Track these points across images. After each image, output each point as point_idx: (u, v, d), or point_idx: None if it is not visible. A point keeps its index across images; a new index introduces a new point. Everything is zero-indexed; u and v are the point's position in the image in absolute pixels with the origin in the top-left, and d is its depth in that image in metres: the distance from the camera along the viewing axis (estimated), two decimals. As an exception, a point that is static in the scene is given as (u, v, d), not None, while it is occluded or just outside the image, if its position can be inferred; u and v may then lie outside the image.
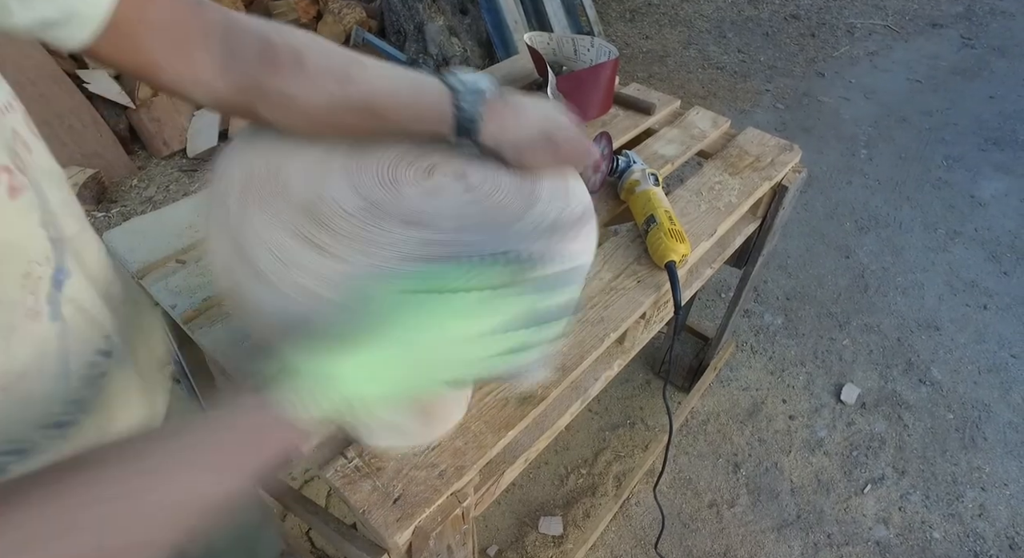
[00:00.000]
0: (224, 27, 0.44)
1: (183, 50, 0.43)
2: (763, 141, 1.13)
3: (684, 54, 3.21)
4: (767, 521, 1.39)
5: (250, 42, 0.45)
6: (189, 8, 0.43)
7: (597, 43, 1.13)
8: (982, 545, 1.36)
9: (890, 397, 1.65)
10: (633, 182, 0.93)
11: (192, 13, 0.43)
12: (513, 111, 0.51)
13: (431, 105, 0.49)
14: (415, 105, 0.49)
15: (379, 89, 0.48)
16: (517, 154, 0.52)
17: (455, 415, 0.67)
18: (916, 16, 3.72)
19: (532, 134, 0.51)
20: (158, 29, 0.41)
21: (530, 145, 0.51)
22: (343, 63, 0.47)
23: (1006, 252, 2.10)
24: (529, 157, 0.52)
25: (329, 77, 0.46)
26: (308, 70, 0.45)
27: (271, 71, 0.45)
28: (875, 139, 2.64)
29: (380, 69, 0.48)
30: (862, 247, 2.10)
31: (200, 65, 0.44)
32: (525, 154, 0.52)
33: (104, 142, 2.14)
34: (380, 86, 0.48)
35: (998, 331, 1.83)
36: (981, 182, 2.42)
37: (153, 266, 0.80)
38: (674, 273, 0.83)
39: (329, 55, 0.47)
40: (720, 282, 1.93)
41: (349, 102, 0.47)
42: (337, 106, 0.47)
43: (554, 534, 1.34)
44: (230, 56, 0.44)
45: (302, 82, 0.46)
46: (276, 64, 0.45)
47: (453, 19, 2.71)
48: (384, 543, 0.60)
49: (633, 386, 1.63)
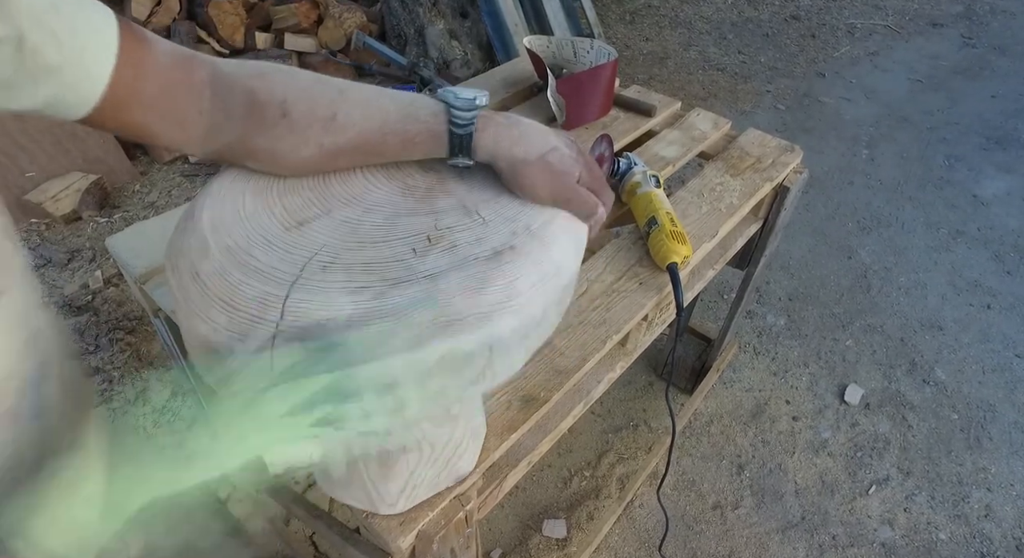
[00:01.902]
0: (211, 86, 0.44)
1: (175, 117, 0.44)
2: (764, 142, 1.12)
3: (684, 56, 3.21)
4: (771, 523, 1.38)
5: (236, 99, 0.45)
6: (180, 72, 0.43)
7: (596, 45, 1.13)
8: (988, 546, 1.36)
9: (894, 398, 1.64)
10: (634, 184, 0.93)
11: (180, 79, 0.43)
12: (514, 128, 0.48)
13: (423, 128, 0.47)
14: (405, 132, 0.47)
15: (367, 128, 0.47)
16: (511, 172, 0.48)
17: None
18: (916, 16, 3.72)
19: (531, 156, 0.47)
20: (150, 101, 0.42)
21: (525, 167, 0.47)
22: (328, 107, 0.46)
23: (1009, 251, 2.09)
24: (523, 179, 0.47)
25: (316, 127, 0.45)
26: (294, 121, 0.45)
27: (259, 130, 0.45)
28: (876, 139, 2.64)
29: (367, 102, 0.47)
30: (864, 247, 2.10)
31: (191, 127, 0.44)
32: (518, 174, 0.47)
33: (106, 147, 2.15)
34: (368, 124, 0.47)
35: (1002, 331, 1.82)
36: (983, 181, 2.41)
37: (156, 271, 0.80)
38: (676, 275, 0.83)
39: (314, 101, 0.46)
40: (722, 283, 1.93)
41: (338, 146, 0.47)
42: (326, 153, 0.47)
43: (558, 537, 1.34)
44: (219, 113, 0.45)
45: (288, 135, 0.45)
46: (262, 121, 0.45)
47: (453, 22, 2.72)
48: (387, 547, 0.59)
49: (636, 388, 1.63)
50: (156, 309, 0.80)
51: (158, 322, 0.85)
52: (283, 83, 0.46)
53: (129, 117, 0.41)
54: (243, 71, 0.46)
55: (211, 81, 0.44)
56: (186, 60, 0.43)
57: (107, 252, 1.91)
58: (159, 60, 0.41)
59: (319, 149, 0.46)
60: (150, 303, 0.81)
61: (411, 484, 0.57)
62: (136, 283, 0.80)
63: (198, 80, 0.44)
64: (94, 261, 1.91)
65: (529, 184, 0.47)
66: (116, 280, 1.85)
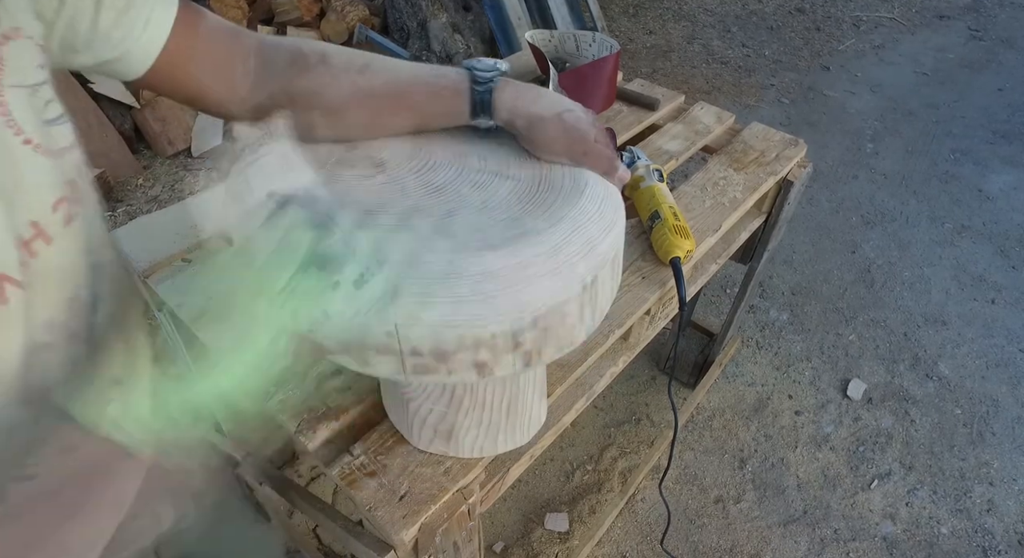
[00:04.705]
0: (258, 47, 0.51)
1: (226, 74, 0.50)
2: (768, 136, 1.12)
3: (688, 49, 3.20)
4: (773, 517, 1.38)
5: (282, 53, 0.51)
6: (229, 36, 0.50)
7: (599, 38, 1.13)
8: (991, 541, 1.36)
9: (897, 392, 1.64)
10: (637, 178, 0.92)
11: (232, 41, 0.50)
12: (532, 89, 0.52)
13: (449, 83, 0.51)
14: (434, 84, 0.51)
15: (399, 75, 0.52)
16: (529, 128, 0.51)
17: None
18: (923, 8, 3.69)
19: (548, 113, 0.50)
20: (204, 60, 0.48)
21: (543, 123, 0.50)
22: (363, 58, 0.52)
23: (1014, 246, 2.08)
24: (541, 134, 0.50)
25: (352, 69, 0.51)
26: (333, 66, 0.50)
27: (300, 73, 0.50)
28: (881, 133, 2.63)
29: (399, 62, 0.53)
30: (868, 242, 2.09)
31: (240, 84, 0.50)
32: (537, 129, 0.50)
33: (109, 142, 2.15)
34: (399, 72, 0.52)
35: (1006, 325, 1.81)
36: (989, 176, 2.40)
37: (159, 265, 0.80)
38: (679, 269, 0.83)
39: (352, 53, 0.52)
40: (725, 278, 1.92)
41: (373, 89, 0.51)
42: (363, 94, 0.51)
43: (560, 530, 1.34)
44: (264, 69, 0.51)
45: (328, 77, 0.50)
46: (305, 65, 0.50)
47: (456, 16, 2.71)
48: (390, 540, 0.60)
49: (638, 382, 1.63)
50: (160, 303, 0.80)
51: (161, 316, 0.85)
52: (323, 43, 0.53)
53: (184, 76, 0.47)
54: (290, 38, 0.54)
55: (258, 46, 0.51)
56: (234, 29, 0.51)
57: (111, 246, 1.92)
58: (211, 26, 0.48)
59: (354, 88, 0.51)
60: (154, 297, 0.81)
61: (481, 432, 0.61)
62: (140, 277, 0.80)
63: (245, 45, 0.50)
64: (98, 255, 1.92)
65: (547, 138, 0.51)
66: (120, 274, 1.85)
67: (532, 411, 0.66)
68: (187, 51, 0.46)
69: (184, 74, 0.47)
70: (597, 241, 0.46)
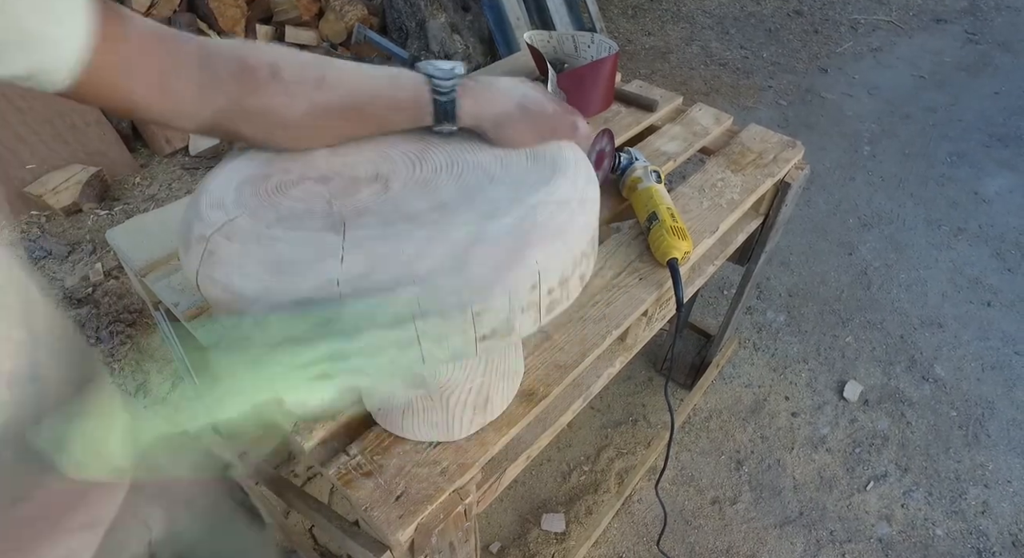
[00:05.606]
0: (199, 56, 0.45)
1: (160, 86, 0.44)
2: (766, 138, 1.12)
3: (686, 50, 3.20)
4: (769, 518, 1.39)
5: (226, 64, 0.46)
6: (163, 44, 0.44)
7: (597, 39, 1.13)
8: (985, 542, 1.36)
9: (893, 394, 1.65)
10: (635, 179, 0.93)
11: (166, 49, 0.44)
12: (488, 89, 0.52)
13: (409, 95, 0.50)
14: (393, 97, 0.50)
15: (357, 88, 0.49)
16: (496, 129, 0.52)
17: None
18: (920, 11, 3.70)
19: (509, 108, 0.51)
20: (132, 70, 0.42)
21: (508, 119, 0.51)
22: (318, 70, 0.48)
23: (1010, 249, 2.09)
24: (509, 131, 0.52)
25: (307, 85, 0.47)
26: (285, 81, 0.47)
27: (250, 89, 0.46)
28: (878, 135, 2.63)
29: (355, 70, 0.50)
30: (865, 244, 2.10)
31: (179, 96, 0.45)
32: (504, 128, 0.51)
33: (107, 140, 2.14)
34: (357, 85, 0.49)
35: (1002, 328, 1.82)
36: (985, 179, 2.41)
37: (156, 264, 0.80)
38: (676, 270, 0.83)
39: (303, 65, 0.48)
40: (722, 279, 1.93)
41: (330, 105, 0.48)
42: (318, 111, 0.48)
43: (556, 531, 1.34)
44: (208, 82, 0.45)
45: (280, 94, 0.47)
46: (254, 81, 0.46)
47: (455, 16, 2.71)
48: (386, 540, 0.60)
49: (635, 383, 1.63)
50: (156, 302, 0.80)
51: (158, 315, 0.85)
52: (271, 50, 0.48)
53: (112, 88, 0.42)
54: (231, 43, 0.48)
55: (198, 52, 0.46)
56: (170, 34, 0.45)
57: (107, 245, 1.91)
58: (140, 32, 0.43)
59: (310, 106, 0.48)
60: (150, 296, 0.81)
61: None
62: (136, 276, 0.80)
63: (184, 52, 0.45)
64: (94, 254, 1.91)
65: (516, 134, 0.52)
66: (116, 273, 1.85)
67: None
68: (111, 61, 0.41)
69: (110, 87, 0.42)
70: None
